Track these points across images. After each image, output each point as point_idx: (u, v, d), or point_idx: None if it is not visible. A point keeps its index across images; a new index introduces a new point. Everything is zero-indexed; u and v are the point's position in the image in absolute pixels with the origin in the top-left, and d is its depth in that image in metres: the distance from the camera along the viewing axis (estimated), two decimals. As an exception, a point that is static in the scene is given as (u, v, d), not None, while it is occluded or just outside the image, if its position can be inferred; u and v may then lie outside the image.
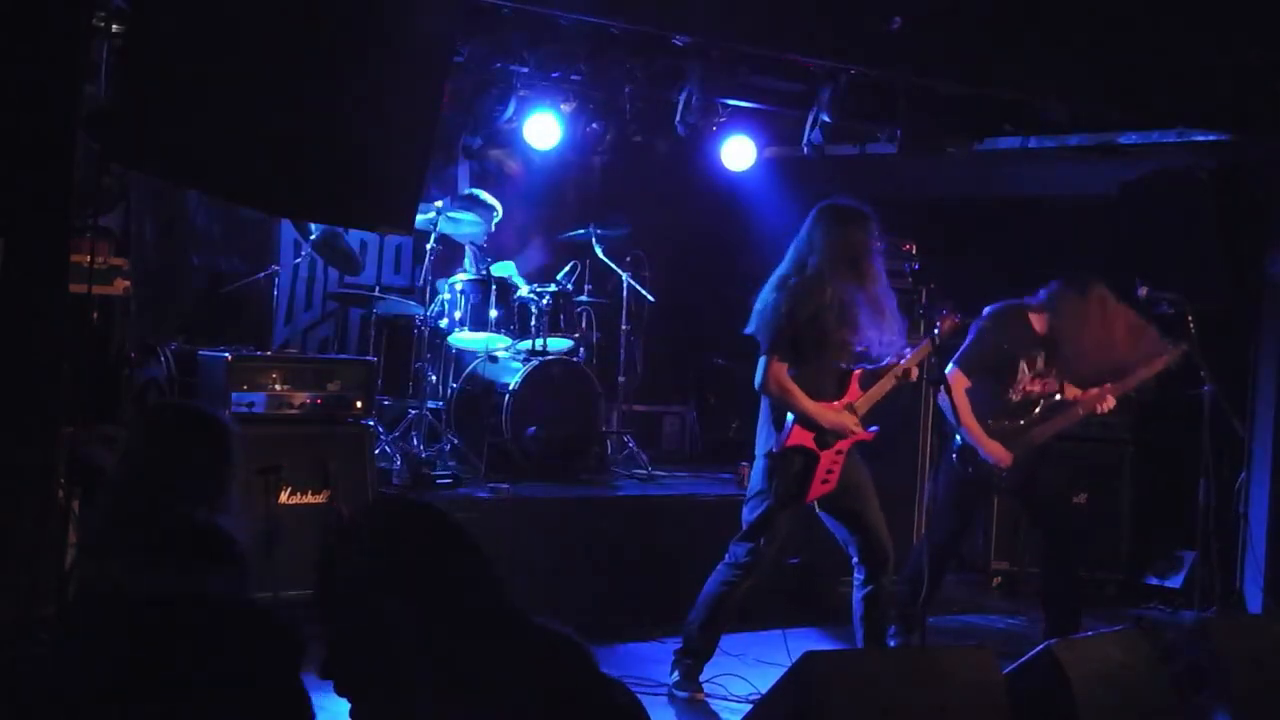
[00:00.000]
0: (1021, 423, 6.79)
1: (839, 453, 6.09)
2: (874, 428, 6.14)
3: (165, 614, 1.63)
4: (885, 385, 6.20)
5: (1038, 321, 6.82)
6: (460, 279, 8.30)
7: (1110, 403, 6.88)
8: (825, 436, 6.05)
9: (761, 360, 6.02)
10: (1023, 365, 6.79)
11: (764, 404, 6.19)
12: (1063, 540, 6.91)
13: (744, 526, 6.14)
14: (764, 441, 6.15)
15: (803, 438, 6.04)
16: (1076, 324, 6.70)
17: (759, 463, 6.16)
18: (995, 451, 6.71)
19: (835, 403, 6.08)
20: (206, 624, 1.63)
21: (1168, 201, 8.72)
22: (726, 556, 6.18)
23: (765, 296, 6.07)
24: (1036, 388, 6.83)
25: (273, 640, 1.68)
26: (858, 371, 6.18)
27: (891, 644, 6.63)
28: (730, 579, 6.14)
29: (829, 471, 6.09)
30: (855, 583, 6.21)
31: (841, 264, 5.99)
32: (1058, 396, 6.84)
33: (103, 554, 3.30)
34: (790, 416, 6.04)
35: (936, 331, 6.20)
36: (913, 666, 4.26)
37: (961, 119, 8.40)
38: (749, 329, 6.09)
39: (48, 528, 4.83)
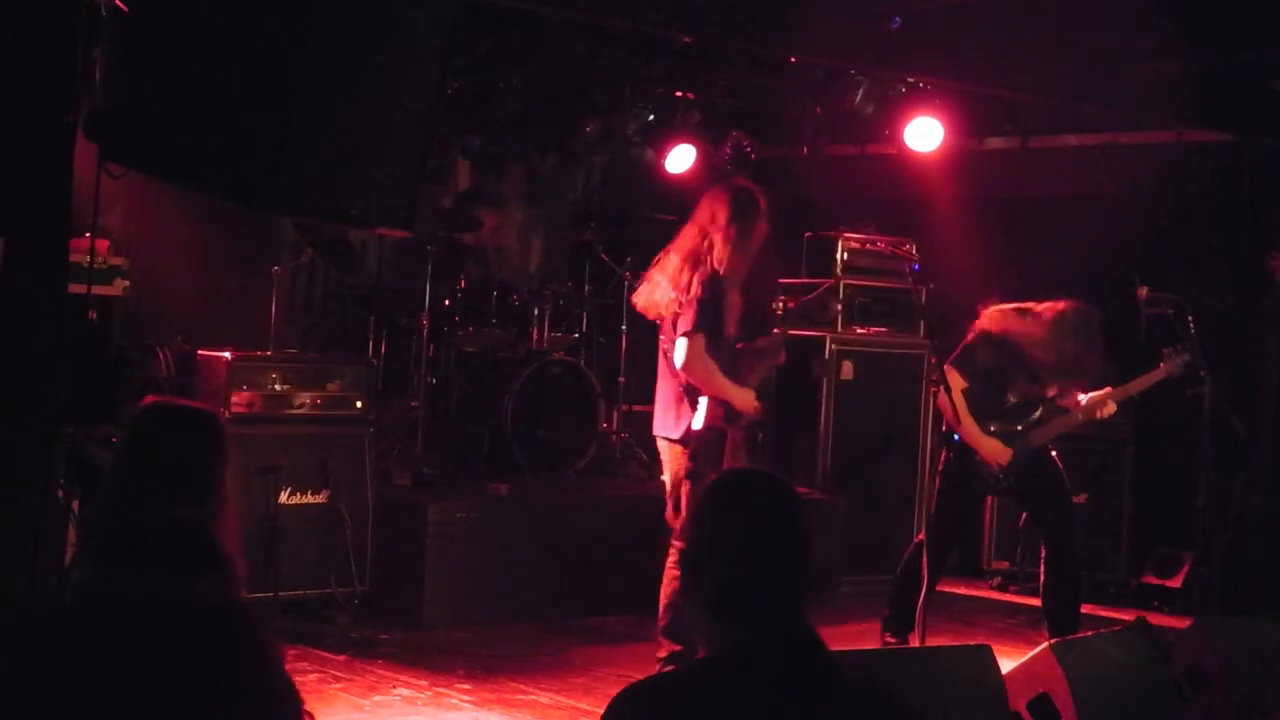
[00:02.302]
0: (1020, 426, 6.78)
1: (741, 428, 6.09)
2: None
3: (135, 616, 1.63)
4: (765, 365, 6.35)
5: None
6: (461, 279, 8.30)
7: (1111, 408, 6.87)
8: (732, 414, 6.05)
9: (683, 340, 5.93)
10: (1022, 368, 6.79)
11: (665, 387, 6.12)
12: (1063, 541, 6.90)
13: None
14: (672, 425, 6.09)
15: (715, 415, 6.00)
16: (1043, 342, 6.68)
17: (671, 448, 6.11)
18: (992, 451, 6.71)
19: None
20: (177, 626, 1.62)
21: (1168, 201, 8.72)
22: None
23: (682, 274, 6.01)
24: (1035, 391, 6.82)
25: (248, 640, 1.67)
26: (740, 348, 6.24)
27: (891, 644, 6.65)
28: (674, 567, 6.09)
29: (736, 448, 6.09)
30: None
31: (748, 248, 6.03)
32: (1055, 399, 6.84)
33: (93, 554, 3.30)
34: (704, 397, 5.99)
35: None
36: (913, 666, 4.26)
37: (961, 119, 8.40)
38: (659, 309, 6.06)
39: (48, 528, 4.83)
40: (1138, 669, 4.45)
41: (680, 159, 9.20)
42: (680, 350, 5.95)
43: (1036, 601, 7.22)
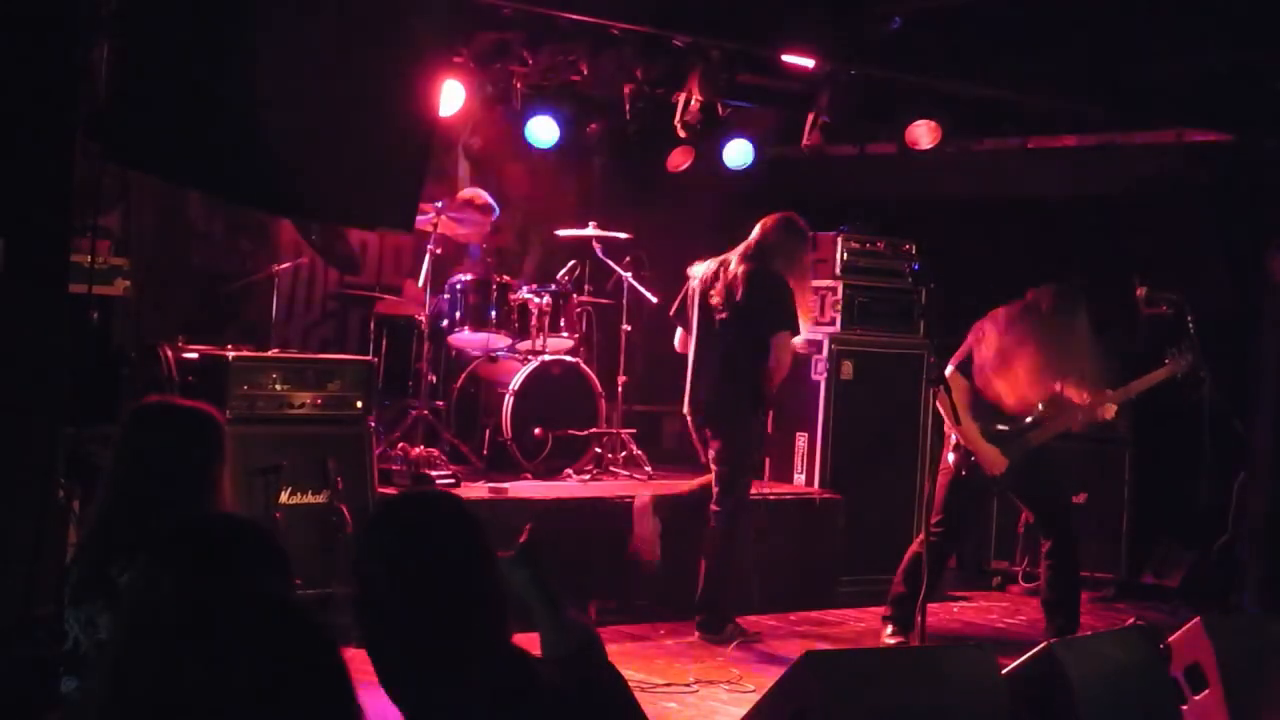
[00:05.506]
0: (1018, 426, 6.78)
1: None
2: None
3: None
4: None
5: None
6: (460, 279, 8.30)
7: (1111, 410, 6.87)
8: None
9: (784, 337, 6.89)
10: (1021, 368, 6.79)
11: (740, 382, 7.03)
12: (1063, 541, 6.91)
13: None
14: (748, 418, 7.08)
15: None
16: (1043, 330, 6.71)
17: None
18: (989, 456, 6.71)
19: None
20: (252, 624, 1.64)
21: (1168, 201, 8.72)
22: None
23: (778, 284, 6.94)
24: (1035, 391, 6.81)
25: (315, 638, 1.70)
26: None
27: (891, 643, 6.65)
28: None
29: None
30: None
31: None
32: (1055, 398, 6.84)
33: (99, 553, 3.30)
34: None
35: None
36: (913, 666, 4.26)
37: (961, 119, 8.39)
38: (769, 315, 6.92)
39: (48, 528, 4.83)
40: (1138, 669, 4.45)
41: (680, 159, 9.21)
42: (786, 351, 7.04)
43: (1036, 601, 7.22)
